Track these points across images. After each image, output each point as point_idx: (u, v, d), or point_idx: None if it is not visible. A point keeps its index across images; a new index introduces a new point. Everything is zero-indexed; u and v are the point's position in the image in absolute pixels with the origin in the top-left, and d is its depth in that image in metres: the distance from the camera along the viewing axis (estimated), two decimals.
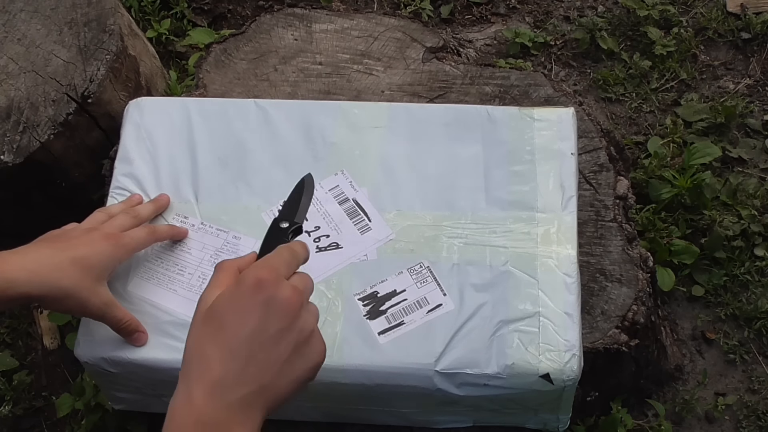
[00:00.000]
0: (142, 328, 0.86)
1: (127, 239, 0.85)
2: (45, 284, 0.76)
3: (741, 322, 1.25)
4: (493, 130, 0.97)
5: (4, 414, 1.17)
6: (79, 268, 0.79)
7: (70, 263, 0.78)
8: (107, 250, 0.82)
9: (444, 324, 0.85)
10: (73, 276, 0.78)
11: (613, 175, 1.04)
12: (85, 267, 0.79)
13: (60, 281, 0.77)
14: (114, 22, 1.19)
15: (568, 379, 0.83)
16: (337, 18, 1.19)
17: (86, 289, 0.79)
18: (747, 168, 1.39)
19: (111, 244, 0.83)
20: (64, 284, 0.77)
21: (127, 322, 0.84)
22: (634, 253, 0.99)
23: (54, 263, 0.77)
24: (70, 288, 0.78)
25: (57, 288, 0.77)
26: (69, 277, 0.78)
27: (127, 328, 0.84)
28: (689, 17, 1.56)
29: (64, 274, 0.77)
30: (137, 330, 0.85)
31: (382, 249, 0.90)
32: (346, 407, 0.90)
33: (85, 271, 0.79)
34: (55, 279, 0.77)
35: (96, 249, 0.81)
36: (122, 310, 0.84)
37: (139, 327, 0.85)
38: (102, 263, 0.81)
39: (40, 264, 0.77)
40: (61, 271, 0.77)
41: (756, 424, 1.16)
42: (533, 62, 1.51)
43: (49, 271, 0.77)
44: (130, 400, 0.94)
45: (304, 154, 0.97)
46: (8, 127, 1.12)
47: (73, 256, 0.79)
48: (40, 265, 0.77)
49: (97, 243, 0.82)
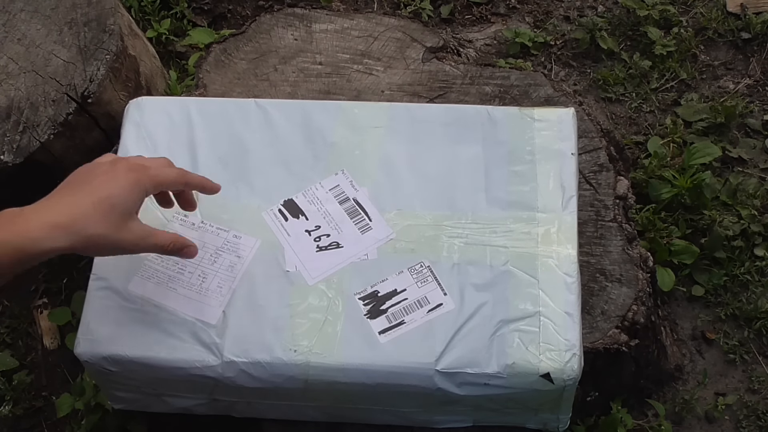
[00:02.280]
0: (188, 242, 0.83)
1: (154, 171, 0.80)
2: (70, 236, 0.72)
3: (741, 322, 1.25)
4: (493, 130, 0.97)
5: (4, 414, 1.17)
6: (102, 210, 0.74)
7: (92, 208, 0.74)
8: (131, 183, 0.77)
9: (444, 323, 0.85)
10: (98, 221, 0.74)
11: (613, 175, 1.04)
12: (109, 208, 0.75)
13: (85, 229, 0.73)
14: (114, 22, 1.19)
15: (568, 378, 0.83)
16: (337, 18, 1.19)
17: (115, 230, 0.75)
18: (747, 168, 1.39)
19: (135, 176, 0.78)
20: (90, 232, 0.73)
21: (171, 245, 0.81)
22: (634, 253, 1.00)
23: (76, 211, 0.73)
24: (96, 234, 0.74)
25: (84, 237, 0.73)
26: (94, 223, 0.74)
27: (173, 250, 0.82)
28: (689, 17, 1.56)
29: (88, 222, 0.73)
30: (185, 246, 0.83)
31: (383, 248, 0.90)
32: (346, 407, 0.90)
33: (109, 212, 0.75)
34: (79, 228, 0.73)
35: (119, 184, 0.76)
36: (161, 236, 0.81)
37: (185, 243, 0.83)
38: (127, 199, 0.77)
39: (61, 215, 0.73)
40: (84, 218, 0.73)
41: (756, 424, 1.16)
42: (533, 62, 1.51)
43: (71, 221, 0.73)
44: (130, 400, 0.94)
45: (304, 153, 0.97)
46: (8, 127, 1.12)
47: (95, 198, 0.74)
48: (62, 216, 0.73)
49: (121, 177, 0.77)
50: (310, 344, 0.85)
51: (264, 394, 0.87)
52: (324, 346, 0.85)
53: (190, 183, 0.86)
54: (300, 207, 0.93)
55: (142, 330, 0.86)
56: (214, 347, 0.85)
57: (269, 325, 0.86)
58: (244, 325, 0.86)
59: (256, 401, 0.90)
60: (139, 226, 0.79)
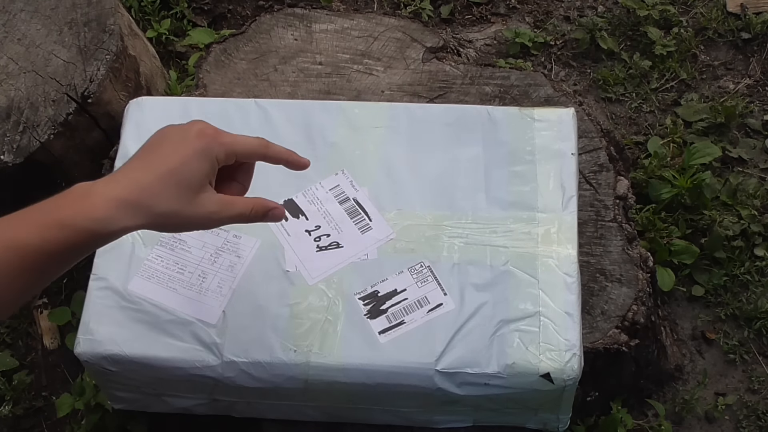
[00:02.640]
0: (272, 204, 0.75)
1: (227, 138, 0.72)
2: (138, 214, 0.66)
3: (741, 322, 1.25)
4: (493, 130, 0.97)
5: (4, 414, 1.17)
6: (170, 185, 0.68)
7: (160, 183, 0.68)
8: (198, 151, 0.70)
9: (444, 323, 0.85)
10: (167, 197, 0.68)
11: (613, 175, 1.04)
12: (177, 182, 0.68)
13: (154, 207, 0.67)
14: (114, 22, 1.19)
15: (568, 378, 0.83)
16: (337, 18, 1.19)
17: (185, 205, 0.69)
18: (747, 168, 1.39)
19: (204, 142, 0.70)
20: (159, 209, 0.67)
21: (253, 212, 0.74)
22: (634, 253, 1.00)
23: (143, 187, 0.67)
24: (165, 212, 0.68)
25: (153, 215, 0.67)
26: (162, 200, 0.67)
27: (255, 216, 0.74)
28: (689, 17, 1.56)
29: (156, 199, 0.67)
30: (268, 210, 0.75)
31: (383, 248, 0.90)
32: (346, 407, 0.90)
33: (178, 186, 0.68)
34: (148, 206, 0.67)
35: (185, 153, 0.69)
36: (238, 205, 0.73)
37: (268, 205, 0.75)
38: (194, 170, 0.69)
39: (127, 190, 0.66)
40: (151, 194, 0.67)
41: (756, 424, 1.16)
42: (533, 62, 1.51)
43: (138, 199, 0.66)
44: (130, 400, 0.94)
45: (304, 153, 0.95)
46: (8, 127, 1.12)
47: (162, 172, 0.68)
48: (129, 193, 0.66)
49: (189, 145, 0.70)
50: (310, 344, 0.85)
51: (264, 394, 0.87)
52: (324, 346, 0.85)
53: (271, 154, 0.77)
54: (300, 207, 0.93)
55: (141, 330, 0.86)
56: (214, 347, 0.85)
57: (269, 325, 0.86)
58: (244, 325, 0.86)
59: (256, 401, 0.90)
60: (213, 198, 0.71)
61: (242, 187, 0.78)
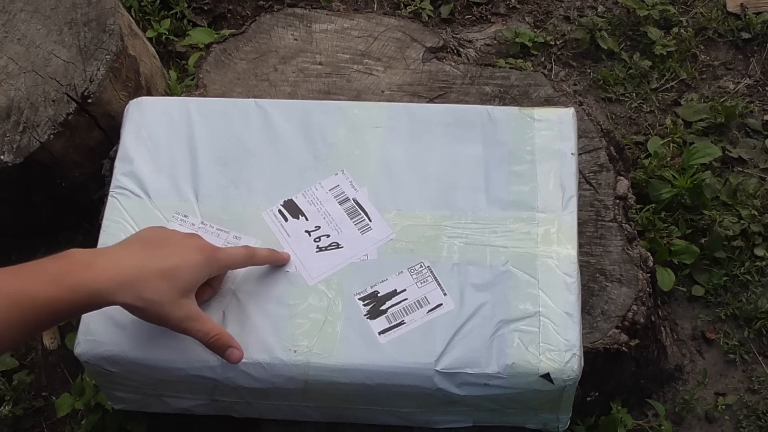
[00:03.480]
0: (235, 343, 0.82)
1: (222, 255, 0.83)
2: (129, 294, 0.75)
3: (741, 322, 1.25)
4: (493, 130, 0.97)
5: (4, 414, 1.17)
6: (166, 280, 0.77)
7: (158, 275, 0.76)
8: (198, 263, 0.79)
9: (444, 324, 0.85)
10: (158, 288, 0.76)
11: (613, 175, 1.04)
12: (172, 279, 0.77)
13: (144, 292, 0.76)
14: (114, 22, 1.19)
15: (568, 378, 0.83)
16: (337, 18, 1.19)
17: (169, 302, 0.77)
18: (747, 168, 1.39)
19: (204, 256, 0.80)
20: (148, 296, 0.76)
21: (215, 337, 0.80)
22: (634, 253, 1.00)
23: (142, 273, 0.76)
24: (152, 300, 0.76)
25: (140, 299, 0.76)
26: (154, 289, 0.76)
27: (216, 342, 0.81)
28: (689, 17, 1.56)
29: (149, 286, 0.76)
30: (229, 345, 0.81)
31: (383, 249, 0.90)
32: (346, 407, 0.90)
33: (171, 283, 0.77)
34: (140, 290, 0.75)
35: (187, 259, 0.79)
36: (209, 323, 0.80)
37: (231, 342, 0.81)
38: (191, 276, 0.79)
39: (128, 274, 0.75)
40: (148, 282, 0.76)
41: (756, 424, 1.16)
42: (533, 62, 1.51)
43: (135, 282, 0.75)
44: (130, 400, 0.94)
45: (304, 154, 0.97)
46: (8, 127, 1.12)
47: (163, 267, 0.77)
48: (128, 275, 0.75)
49: (190, 253, 0.79)
50: (310, 344, 0.85)
51: (264, 394, 0.87)
52: (324, 346, 0.85)
53: (257, 261, 0.87)
54: (300, 207, 0.93)
55: (141, 330, 0.86)
56: None
57: (269, 325, 0.86)
58: (243, 326, 0.86)
59: (256, 401, 0.90)
60: (191, 307, 0.79)
61: (213, 290, 0.87)
